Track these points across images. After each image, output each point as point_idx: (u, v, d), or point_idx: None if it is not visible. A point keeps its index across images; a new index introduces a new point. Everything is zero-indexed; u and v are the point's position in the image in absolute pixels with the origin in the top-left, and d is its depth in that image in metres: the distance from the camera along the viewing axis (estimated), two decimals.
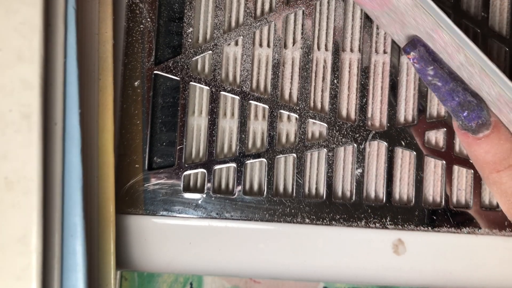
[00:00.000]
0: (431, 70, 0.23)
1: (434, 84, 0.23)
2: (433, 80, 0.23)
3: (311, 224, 0.26)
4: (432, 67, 0.23)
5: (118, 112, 0.26)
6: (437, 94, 0.23)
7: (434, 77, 0.23)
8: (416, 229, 0.26)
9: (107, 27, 0.26)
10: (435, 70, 0.23)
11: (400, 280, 0.27)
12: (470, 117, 0.23)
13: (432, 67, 0.23)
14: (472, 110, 0.23)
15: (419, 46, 0.23)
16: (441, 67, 0.23)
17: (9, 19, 0.22)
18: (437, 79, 0.23)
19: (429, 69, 0.23)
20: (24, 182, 0.21)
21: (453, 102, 0.23)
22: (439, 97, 0.23)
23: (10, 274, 0.21)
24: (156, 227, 0.26)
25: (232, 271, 0.26)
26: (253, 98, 0.27)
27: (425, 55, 0.23)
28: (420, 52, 0.23)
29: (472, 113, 0.23)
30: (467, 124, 0.23)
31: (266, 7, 0.27)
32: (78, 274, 0.22)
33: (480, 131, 0.23)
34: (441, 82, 0.23)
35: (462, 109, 0.23)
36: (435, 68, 0.23)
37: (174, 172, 0.26)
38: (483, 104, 0.23)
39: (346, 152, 0.27)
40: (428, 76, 0.23)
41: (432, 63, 0.23)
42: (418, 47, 0.23)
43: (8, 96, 0.22)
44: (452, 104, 0.23)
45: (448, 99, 0.23)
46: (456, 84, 0.23)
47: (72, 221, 0.23)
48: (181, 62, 0.27)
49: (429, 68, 0.23)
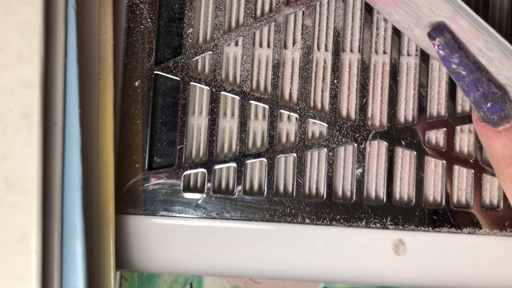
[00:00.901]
0: (456, 58, 0.22)
1: (458, 73, 0.22)
2: (458, 69, 0.22)
3: (311, 224, 0.26)
4: (458, 55, 0.22)
5: (118, 112, 0.26)
6: (460, 84, 0.23)
7: (459, 66, 0.22)
8: (417, 229, 0.26)
9: (107, 28, 0.26)
10: (461, 58, 0.22)
11: (400, 280, 0.26)
12: (494, 109, 0.22)
13: (458, 55, 0.22)
14: (496, 102, 0.22)
15: (445, 32, 0.22)
16: (467, 56, 0.22)
17: (9, 19, 0.22)
18: (462, 67, 0.22)
19: (455, 57, 0.22)
20: (24, 182, 0.21)
21: (477, 93, 0.22)
22: (462, 87, 0.23)
23: (10, 274, 0.21)
24: (156, 227, 0.26)
25: (232, 271, 0.26)
26: (253, 98, 0.27)
27: (451, 42, 0.22)
28: (446, 39, 0.22)
29: (496, 105, 0.22)
30: (489, 116, 0.23)
31: (266, 8, 0.27)
32: (78, 274, 0.22)
33: (501, 124, 0.23)
34: (466, 71, 0.22)
35: (485, 100, 0.22)
36: (460, 57, 0.22)
37: (174, 172, 0.26)
38: (506, 96, 0.23)
39: (346, 152, 0.27)
40: (452, 64, 0.22)
41: (458, 51, 0.22)
42: (445, 33, 0.22)
43: (8, 96, 0.22)
44: (476, 95, 0.22)
45: (471, 89, 0.22)
46: (481, 74, 0.22)
47: (72, 221, 0.23)
48: (181, 63, 0.27)
49: (455, 56, 0.22)
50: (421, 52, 0.27)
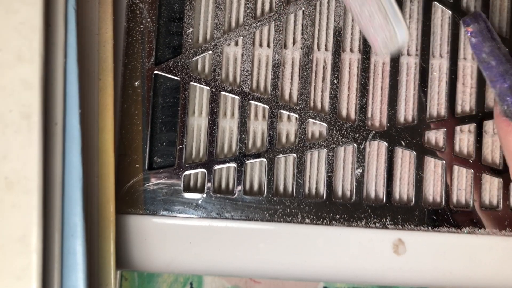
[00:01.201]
0: (487, 47, 0.22)
1: (488, 63, 0.22)
2: (488, 58, 0.22)
3: (311, 224, 0.26)
4: (490, 44, 0.22)
5: (118, 112, 0.26)
6: (487, 74, 0.23)
7: (490, 55, 0.22)
8: (416, 229, 0.26)
9: (107, 27, 0.26)
10: (492, 48, 0.22)
11: (400, 280, 0.27)
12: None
13: (490, 44, 0.22)
14: None
15: (480, 21, 0.22)
16: (498, 47, 0.22)
17: (9, 19, 0.22)
18: (492, 57, 0.22)
19: (486, 46, 0.22)
20: (24, 182, 0.21)
21: (503, 85, 0.22)
22: (489, 77, 0.23)
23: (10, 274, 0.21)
24: (156, 227, 0.26)
25: (232, 271, 0.26)
26: (253, 98, 0.27)
27: (484, 31, 0.22)
28: (480, 27, 0.22)
29: None
30: (511, 110, 0.23)
31: (266, 7, 0.27)
32: (78, 274, 0.22)
33: None
34: (495, 62, 0.22)
35: (511, 93, 0.22)
36: (492, 46, 0.22)
37: (174, 172, 0.26)
38: None
39: (346, 152, 0.27)
40: (483, 53, 0.22)
41: (490, 41, 0.22)
42: (479, 21, 0.22)
43: (8, 96, 0.22)
44: (502, 87, 0.22)
45: (499, 81, 0.22)
46: (511, 66, 0.22)
47: (72, 221, 0.23)
48: (181, 62, 0.27)
49: (486, 45, 0.22)
50: (421, 52, 0.27)
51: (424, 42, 0.27)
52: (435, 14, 0.27)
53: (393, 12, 0.22)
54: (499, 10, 0.27)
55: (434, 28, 0.27)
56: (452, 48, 0.27)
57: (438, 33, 0.27)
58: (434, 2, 0.27)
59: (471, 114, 0.27)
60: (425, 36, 0.27)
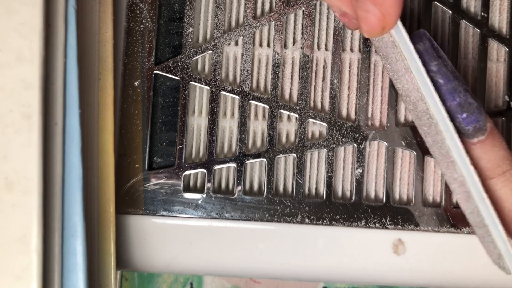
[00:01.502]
0: (434, 66, 0.22)
1: (436, 81, 0.22)
2: (436, 77, 0.22)
3: (311, 224, 0.26)
4: (436, 63, 0.22)
5: (118, 112, 0.26)
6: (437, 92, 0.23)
7: (437, 74, 0.22)
8: (416, 229, 0.26)
9: (107, 27, 0.26)
10: (439, 66, 0.22)
11: (400, 280, 0.27)
12: (469, 119, 0.22)
13: (436, 63, 0.22)
14: (471, 112, 0.22)
15: (425, 40, 0.22)
16: (445, 65, 0.22)
17: (9, 19, 0.22)
18: (439, 75, 0.22)
19: (433, 64, 0.22)
20: (24, 182, 0.21)
21: (453, 102, 0.22)
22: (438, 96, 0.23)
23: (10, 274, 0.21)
24: (156, 227, 0.26)
25: (232, 271, 0.26)
26: (253, 98, 0.27)
27: (430, 50, 0.22)
28: (425, 46, 0.22)
29: (471, 115, 0.22)
30: (464, 127, 0.22)
31: (266, 7, 0.27)
32: (78, 274, 0.22)
33: (476, 136, 0.23)
34: (443, 80, 0.22)
35: (461, 111, 0.22)
36: (439, 65, 0.22)
37: (174, 172, 0.26)
38: (482, 108, 0.23)
39: (346, 152, 0.27)
40: (430, 72, 0.22)
41: (436, 59, 0.22)
42: (424, 40, 0.22)
43: (8, 96, 0.22)
44: (452, 104, 0.22)
45: (448, 98, 0.22)
46: (458, 83, 0.22)
47: (72, 221, 0.23)
48: (181, 62, 0.27)
49: (433, 63, 0.22)
50: None
51: None
52: (435, 14, 0.27)
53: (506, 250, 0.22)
54: (499, 10, 0.27)
55: (434, 27, 0.27)
56: (452, 48, 0.27)
57: (438, 33, 0.27)
58: (434, 2, 0.27)
59: None
60: None
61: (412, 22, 0.27)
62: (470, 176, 0.22)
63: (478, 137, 0.23)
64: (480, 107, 0.23)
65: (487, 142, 0.23)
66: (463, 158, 0.22)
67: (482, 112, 0.23)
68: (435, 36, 0.27)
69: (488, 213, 0.22)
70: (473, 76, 0.27)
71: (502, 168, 0.23)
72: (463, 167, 0.22)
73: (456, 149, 0.22)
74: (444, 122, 0.22)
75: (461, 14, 0.27)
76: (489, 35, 0.27)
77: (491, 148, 0.23)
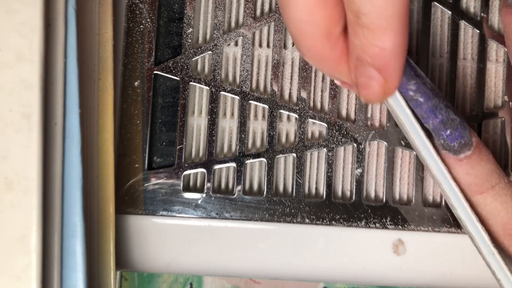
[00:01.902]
0: (413, 85, 0.21)
1: (416, 100, 0.22)
2: (415, 96, 0.21)
3: (311, 224, 0.26)
4: (414, 82, 0.21)
5: (118, 112, 0.26)
6: (418, 111, 0.22)
7: (416, 93, 0.21)
8: (416, 229, 0.26)
9: (107, 28, 0.26)
10: (417, 85, 0.21)
11: (400, 280, 0.27)
12: (453, 136, 0.22)
13: (414, 82, 0.21)
14: (455, 128, 0.22)
15: None
16: (423, 83, 0.22)
17: (9, 19, 0.22)
18: (419, 94, 0.21)
19: (411, 83, 0.21)
20: (24, 182, 0.21)
21: (435, 120, 0.22)
22: (420, 115, 0.22)
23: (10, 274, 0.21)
24: (156, 227, 0.26)
25: (232, 271, 0.26)
26: (253, 98, 0.27)
27: (407, 69, 0.21)
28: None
29: (455, 131, 0.22)
30: (449, 143, 0.22)
31: (265, 8, 0.27)
32: (78, 274, 0.22)
33: (462, 152, 0.22)
34: (423, 98, 0.21)
35: (444, 127, 0.22)
36: (417, 83, 0.21)
37: (174, 172, 0.26)
38: (465, 123, 0.22)
39: (346, 152, 0.27)
40: (409, 91, 0.21)
41: (414, 78, 0.21)
42: None
43: (8, 96, 0.22)
44: (435, 122, 0.22)
45: (430, 116, 0.22)
46: (439, 100, 0.22)
47: (72, 221, 0.23)
48: (181, 62, 0.27)
49: (411, 82, 0.21)
50: (420, 52, 0.27)
51: (424, 42, 0.27)
52: (435, 14, 0.27)
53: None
54: (498, 11, 0.27)
55: (434, 28, 0.27)
56: (451, 48, 0.27)
57: (437, 33, 0.27)
58: (433, 2, 0.27)
59: (471, 114, 0.27)
60: (425, 36, 0.27)
61: (411, 23, 0.27)
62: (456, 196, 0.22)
63: (465, 152, 0.22)
64: (463, 122, 0.22)
65: (473, 157, 0.22)
66: (445, 177, 0.22)
67: (466, 127, 0.22)
68: (434, 37, 0.27)
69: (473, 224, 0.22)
70: (472, 76, 0.27)
71: (490, 182, 0.23)
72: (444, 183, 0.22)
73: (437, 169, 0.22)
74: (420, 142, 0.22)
75: (461, 14, 0.27)
76: (488, 35, 0.27)
77: (478, 163, 0.22)
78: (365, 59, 0.18)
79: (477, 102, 0.27)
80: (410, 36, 0.27)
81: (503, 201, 0.22)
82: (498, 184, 0.23)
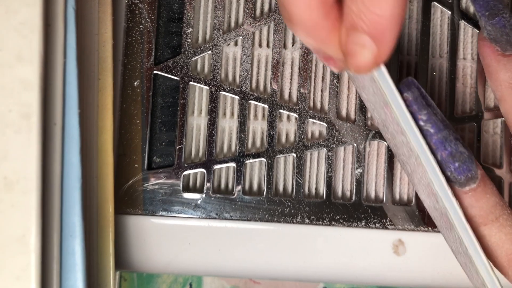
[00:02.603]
0: (424, 115, 0.21)
1: (426, 130, 0.21)
2: (426, 126, 0.21)
3: (311, 224, 0.26)
4: (426, 112, 0.21)
5: (117, 112, 0.26)
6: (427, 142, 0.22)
7: (427, 123, 0.21)
8: (416, 229, 0.26)
9: (106, 28, 0.26)
10: (429, 115, 0.21)
11: (400, 280, 0.26)
12: (461, 169, 0.22)
13: (426, 112, 0.21)
14: (463, 162, 0.21)
15: (413, 88, 0.21)
16: (435, 113, 0.21)
17: (9, 19, 0.22)
18: (430, 125, 0.21)
19: (423, 113, 0.21)
20: (23, 182, 0.21)
21: (444, 152, 0.21)
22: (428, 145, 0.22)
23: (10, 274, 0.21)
24: (155, 227, 0.26)
25: (232, 271, 0.26)
26: (252, 98, 0.27)
27: (419, 98, 0.21)
28: (414, 95, 0.21)
29: (463, 165, 0.21)
30: (456, 176, 0.22)
31: (265, 8, 0.27)
32: (77, 274, 0.22)
33: (467, 185, 0.22)
34: (434, 129, 0.21)
35: (453, 160, 0.21)
36: (428, 113, 0.21)
37: (174, 172, 0.26)
38: (473, 157, 0.22)
39: (346, 152, 0.27)
40: (420, 121, 0.21)
41: (426, 108, 0.21)
42: (413, 89, 0.21)
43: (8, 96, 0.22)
44: (443, 154, 0.21)
45: (439, 148, 0.21)
46: (449, 132, 0.21)
47: (71, 221, 0.23)
48: (180, 62, 0.27)
49: (423, 112, 0.21)
50: (420, 52, 0.27)
51: (424, 42, 0.27)
52: (435, 14, 0.27)
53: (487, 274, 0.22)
54: None
55: (434, 28, 0.27)
56: (451, 48, 0.27)
57: (437, 33, 0.27)
58: (433, 2, 0.27)
59: (471, 114, 0.27)
60: (425, 36, 0.27)
61: (411, 23, 0.27)
62: (453, 208, 0.22)
63: (470, 185, 0.22)
64: (471, 155, 0.22)
65: (478, 190, 0.22)
66: (445, 192, 0.22)
67: (473, 161, 0.22)
68: (434, 37, 0.27)
69: (471, 242, 0.22)
70: (472, 76, 0.27)
71: (494, 214, 0.22)
72: (446, 201, 0.22)
73: (438, 183, 0.22)
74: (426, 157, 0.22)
75: (461, 14, 0.27)
76: None
77: (483, 196, 0.22)
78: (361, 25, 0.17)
79: (477, 102, 0.27)
80: (410, 37, 0.27)
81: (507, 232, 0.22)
82: (502, 216, 0.22)
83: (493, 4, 0.23)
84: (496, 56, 0.24)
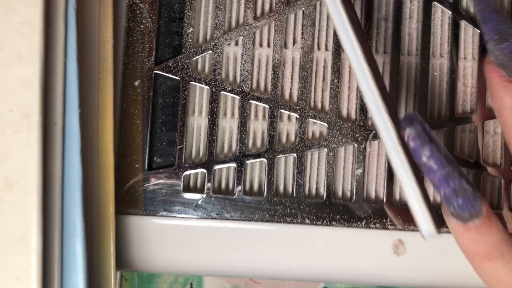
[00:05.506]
0: (427, 151, 0.21)
1: (429, 167, 0.21)
2: (429, 162, 0.21)
3: (311, 224, 0.26)
4: (429, 147, 0.21)
5: (118, 112, 0.26)
6: (430, 177, 0.22)
7: (430, 159, 0.21)
8: (416, 229, 0.26)
9: (107, 27, 0.26)
10: (432, 151, 0.21)
11: (400, 280, 0.27)
12: (465, 206, 0.21)
13: (429, 147, 0.21)
14: (467, 198, 0.21)
15: (416, 123, 0.21)
16: (438, 149, 0.21)
17: (9, 19, 0.22)
18: (433, 161, 0.21)
19: (426, 149, 0.21)
20: (24, 182, 0.21)
21: (448, 188, 0.21)
22: (432, 181, 0.22)
23: (10, 274, 0.21)
24: (156, 227, 0.26)
25: (232, 271, 0.26)
26: (253, 98, 0.27)
27: (422, 133, 0.21)
28: (417, 130, 0.21)
29: (467, 202, 0.21)
30: (459, 213, 0.22)
31: (266, 7, 0.27)
32: (78, 274, 0.22)
33: (471, 221, 0.22)
34: (437, 165, 0.21)
35: (456, 197, 0.21)
36: (432, 149, 0.21)
37: (174, 172, 0.26)
38: (477, 193, 0.22)
39: (346, 152, 0.27)
40: (423, 156, 0.21)
41: (429, 143, 0.21)
42: (415, 124, 0.21)
43: (8, 96, 0.22)
44: (447, 191, 0.21)
45: (442, 184, 0.21)
46: (453, 168, 0.21)
47: (72, 221, 0.23)
48: (181, 62, 0.27)
49: (426, 148, 0.21)
50: (421, 52, 0.27)
51: (424, 42, 0.27)
52: (435, 14, 0.27)
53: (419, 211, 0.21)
54: None
55: (434, 28, 0.27)
56: (452, 48, 0.27)
57: (438, 33, 0.27)
58: (434, 2, 0.27)
59: (472, 114, 0.27)
60: (425, 36, 0.27)
61: (411, 23, 0.27)
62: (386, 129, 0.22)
63: (474, 221, 0.22)
64: (475, 191, 0.22)
65: (483, 226, 0.22)
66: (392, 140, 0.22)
67: (478, 197, 0.22)
68: (435, 37, 0.27)
69: (402, 167, 0.21)
70: (473, 76, 0.27)
71: (499, 250, 0.22)
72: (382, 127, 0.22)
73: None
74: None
75: (461, 14, 0.27)
76: None
77: (487, 231, 0.22)
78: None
79: (477, 102, 0.27)
80: (411, 36, 0.27)
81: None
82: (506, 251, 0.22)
83: (503, 28, 0.22)
84: (502, 82, 0.24)
